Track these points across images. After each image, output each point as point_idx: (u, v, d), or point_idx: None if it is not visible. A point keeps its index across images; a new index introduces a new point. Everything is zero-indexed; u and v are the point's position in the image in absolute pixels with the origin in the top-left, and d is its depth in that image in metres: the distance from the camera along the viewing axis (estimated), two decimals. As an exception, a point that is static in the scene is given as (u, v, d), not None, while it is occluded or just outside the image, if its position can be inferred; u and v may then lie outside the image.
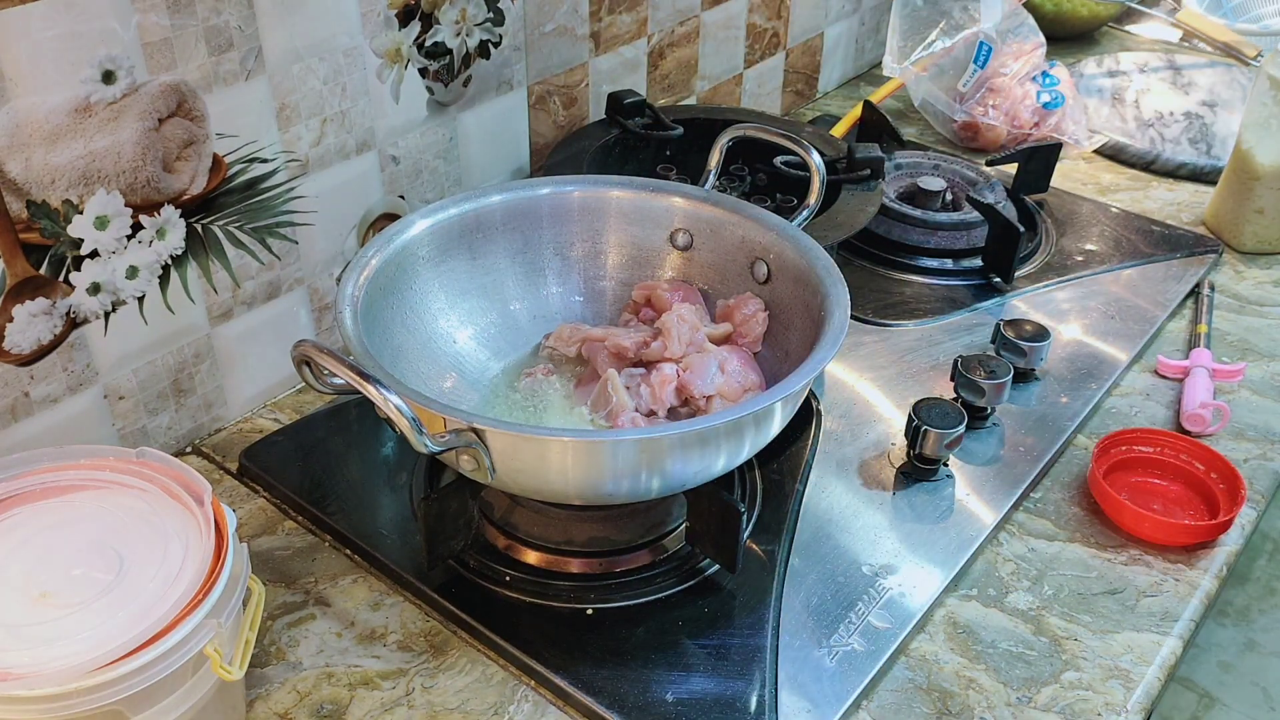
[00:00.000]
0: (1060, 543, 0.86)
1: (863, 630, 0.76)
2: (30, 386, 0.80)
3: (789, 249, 0.86)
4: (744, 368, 0.84)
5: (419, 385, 0.81)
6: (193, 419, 0.93)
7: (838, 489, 0.88)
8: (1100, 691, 0.74)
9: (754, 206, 0.90)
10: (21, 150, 0.73)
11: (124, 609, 0.61)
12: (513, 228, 0.91)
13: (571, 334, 0.90)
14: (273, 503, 0.88)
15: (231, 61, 0.83)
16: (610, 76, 1.21)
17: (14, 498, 0.67)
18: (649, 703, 0.71)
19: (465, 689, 0.73)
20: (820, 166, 0.91)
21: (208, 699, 0.64)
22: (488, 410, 0.86)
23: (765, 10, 1.41)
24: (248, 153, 0.87)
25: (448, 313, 0.88)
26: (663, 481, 0.71)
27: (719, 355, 0.84)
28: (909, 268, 1.16)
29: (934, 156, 1.30)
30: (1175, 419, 0.98)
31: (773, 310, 0.88)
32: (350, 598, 0.80)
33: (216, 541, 0.65)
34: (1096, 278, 1.16)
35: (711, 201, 0.91)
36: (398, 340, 0.82)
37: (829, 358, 0.73)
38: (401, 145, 0.99)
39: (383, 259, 0.81)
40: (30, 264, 0.76)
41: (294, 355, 0.68)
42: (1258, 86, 1.20)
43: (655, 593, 0.79)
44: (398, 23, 0.94)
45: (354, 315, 0.75)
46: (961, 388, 0.93)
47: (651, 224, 0.92)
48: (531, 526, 0.82)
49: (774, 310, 0.88)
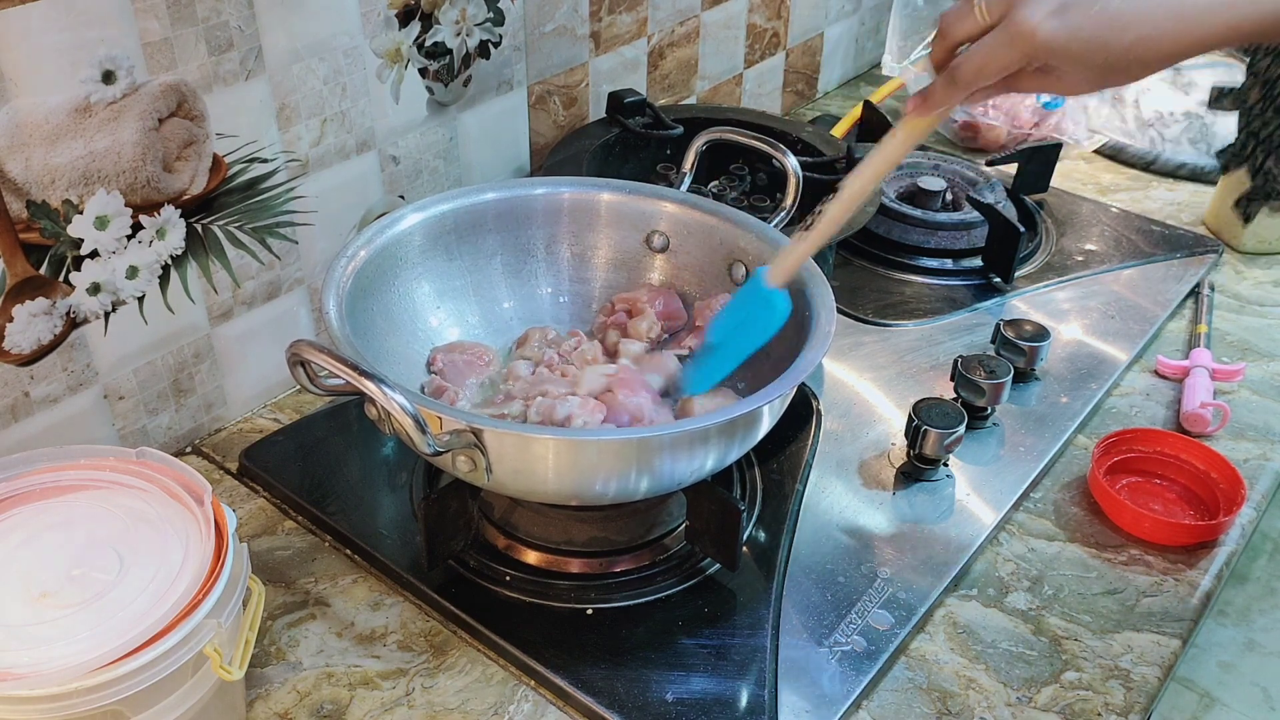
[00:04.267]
0: (1060, 543, 0.86)
1: (863, 630, 0.76)
2: (30, 386, 0.80)
3: (767, 251, 0.86)
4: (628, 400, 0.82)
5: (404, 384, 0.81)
6: (193, 419, 0.93)
7: (838, 489, 0.88)
8: (1100, 691, 0.74)
9: (731, 209, 0.90)
10: (21, 150, 0.73)
11: (124, 609, 0.61)
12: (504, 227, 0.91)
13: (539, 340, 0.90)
14: (273, 503, 0.88)
15: (231, 61, 0.83)
16: (610, 76, 1.21)
17: (14, 498, 0.67)
18: (648, 702, 0.71)
19: (465, 689, 0.73)
20: (796, 169, 0.92)
21: (208, 699, 0.64)
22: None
23: (765, 10, 1.41)
24: (248, 153, 0.87)
25: (435, 310, 0.88)
26: (653, 481, 0.71)
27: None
28: (909, 268, 1.17)
29: (934, 156, 1.30)
30: (1175, 419, 0.98)
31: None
32: (350, 598, 0.80)
33: (216, 542, 0.65)
34: (1096, 278, 1.16)
35: (689, 204, 0.91)
36: (383, 338, 0.82)
37: (818, 358, 0.73)
38: (401, 145, 0.99)
39: (370, 253, 0.81)
40: (30, 264, 0.76)
41: (289, 356, 0.67)
42: (1258, 86, 1.20)
43: (655, 593, 0.79)
44: (398, 23, 0.94)
45: (340, 312, 0.75)
46: (961, 388, 0.93)
47: (630, 226, 0.92)
48: (531, 526, 0.82)
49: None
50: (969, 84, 0.65)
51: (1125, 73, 0.62)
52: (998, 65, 0.63)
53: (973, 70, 0.64)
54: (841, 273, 1.16)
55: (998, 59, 0.63)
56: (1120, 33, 0.60)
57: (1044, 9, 0.60)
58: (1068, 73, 0.63)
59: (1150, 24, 0.60)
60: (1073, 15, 0.60)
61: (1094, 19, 0.60)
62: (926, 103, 0.69)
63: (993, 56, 0.63)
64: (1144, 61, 0.61)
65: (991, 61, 0.63)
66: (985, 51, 0.63)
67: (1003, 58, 0.63)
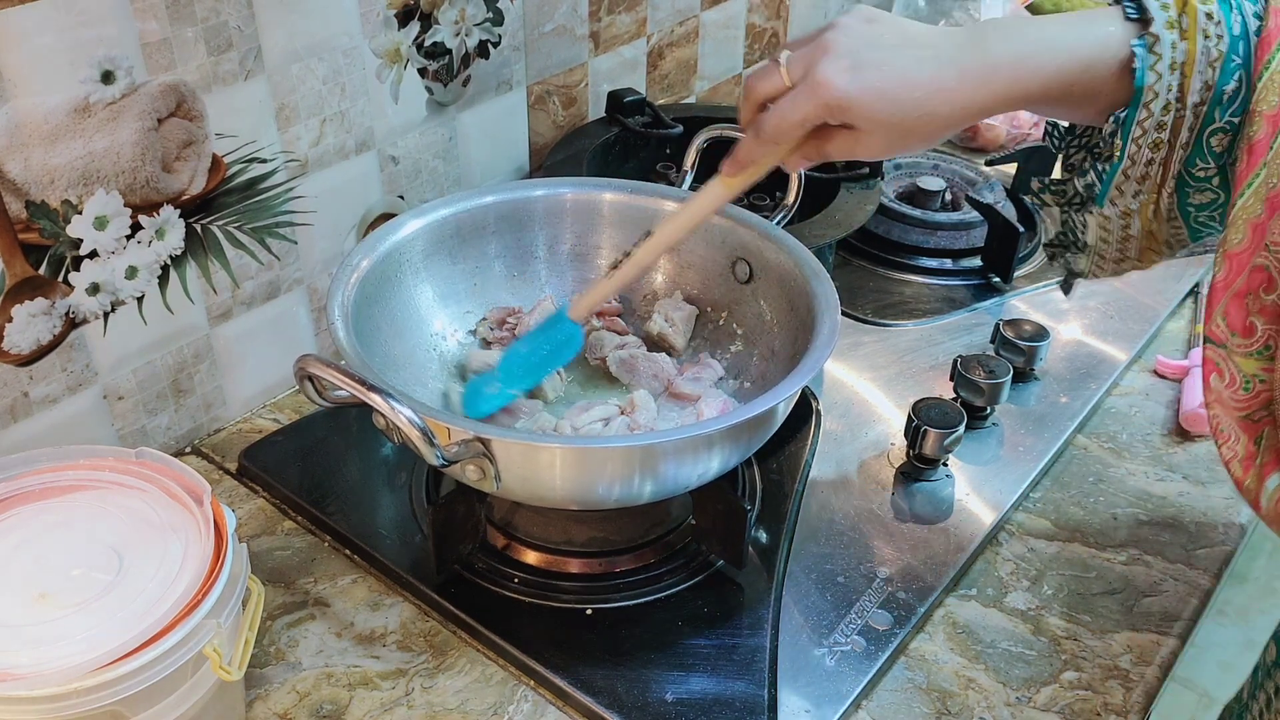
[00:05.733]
0: (1060, 543, 0.86)
1: (862, 630, 0.76)
2: (29, 387, 0.80)
3: (770, 248, 0.86)
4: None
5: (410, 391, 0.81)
6: (192, 419, 0.93)
7: (837, 489, 0.88)
8: (1100, 691, 0.74)
9: (733, 207, 0.89)
10: (21, 150, 0.73)
11: (124, 609, 0.61)
12: (505, 229, 0.91)
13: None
14: (272, 503, 0.88)
15: (231, 62, 0.83)
16: (610, 76, 1.21)
17: (13, 498, 0.67)
18: (648, 703, 0.71)
19: (465, 689, 0.73)
20: None
21: (207, 699, 0.64)
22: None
23: (765, 10, 1.41)
24: (247, 153, 0.87)
25: (439, 314, 0.88)
26: (659, 485, 0.71)
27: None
28: (908, 267, 1.17)
29: (933, 156, 1.30)
30: (1175, 419, 0.98)
31: (756, 310, 0.88)
32: (350, 598, 0.80)
33: (216, 542, 0.65)
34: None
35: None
36: (388, 345, 0.82)
37: (824, 358, 0.73)
38: (401, 145, 0.99)
39: (373, 262, 0.81)
40: (29, 264, 0.76)
41: (296, 370, 0.68)
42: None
43: (655, 593, 0.79)
44: (397, 23, 0.94)
45: (345, 322, 0.75)
46: (961, 387, 0.93)
47: (633, 226, 0.92)
48: (531, 527, 0.82)
49: (757, 310, 0.88)
50: (773, 137, 0.68)
51: (919, 133, 0.65)
52: (798, 117, 0.66)
53: (774, 123, 0.67)
54: (841, 272, 1.16)
55: (798, 110, 0.65)
56: (909, 89, 0.63)
57: (841, 65, 0.63)
58: (866, 132, 0.65)
59: (936, 82, 0.63)
60: (866, 71, 0.63)
61: (885, 75, 0.63)
62: (736, 161, 0.71)
63: (793, 109, 0.66)
64: (934, 118, 0.64)
65: (792, 113, 0.66)
66: (786, 105, 0.66)
67: (802, 109, 0.65)
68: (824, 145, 0.68)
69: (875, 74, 0.63)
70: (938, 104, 0.64)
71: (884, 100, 0.64)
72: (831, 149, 0.68)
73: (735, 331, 0.90)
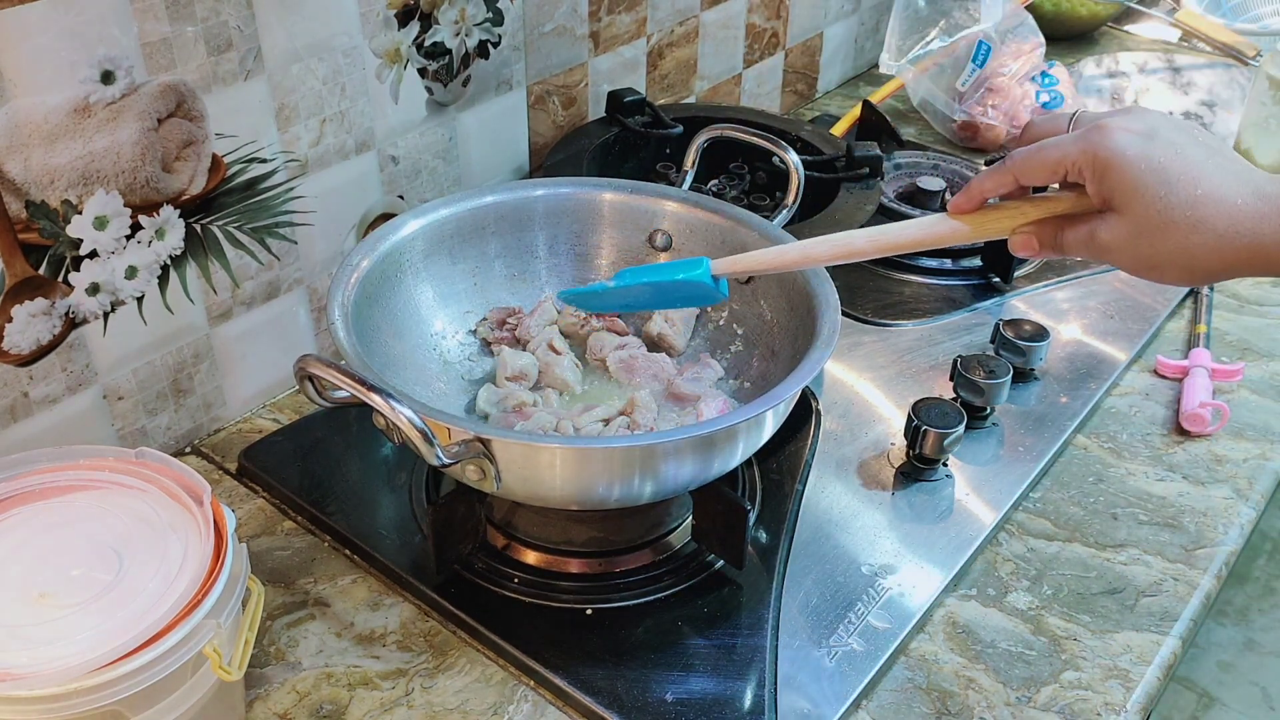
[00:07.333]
0: (1060, 542, 0.86)
1: (862, 630, 0.76)
2: (29, 387, 0.80)
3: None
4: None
5: (410, 391, 0.81)
6: (192, 419, 0.93)
7: (837, 489, 0.88)
8: (1100, 691, 0.74)
9: (734, 207, 0.90)
10: (21, 150, 0.73)
11: (123, 609, 0.61)
12: (505, 229, 0.91)
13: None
14: (272, 503, 0.88)
15: (230, 62, 0.83)
16: (609, 76, 1.21)
17: (13, 498, 0.67)
18: (648, 703, 0.71)
19: (465, 689, 0.73)
20: (798, 165, 0.92)
21: (207, 699, 0.64)
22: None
23: (764, 10, 1.41)
24: (247, 153, 0.87)
25: (439, 314, 0.88)
26: (659, 485, 0.71)
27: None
28: (908, 267, 1.16)
29: (933, 156, 1.30)
30: (1175, 419, 0.98)
31: (756, 310, 0.88)
32: (350, 598, 0.80)
33: (216, 542, 0.65)
34: (1095, 277, 1.16)
35: (691, 203, 0.91)
36: (388, 345, 0.82)
37: (824, 358, 0.73)
38: (401, 145, 0.99)
39: (373, 262, 0.82)
40: (29, 264, 0.76)
41: (296, 371, 0.68)
42: (1256, 86, 1.20)
43: (654, 593, 0.79)
44: (397, 23, 0.94)
45: (345, 322, 0.75)
46: (961, 387, 0.93)
47: (633, 226, 0.92)
48: (531, 527, 0.82)
49: (757, 310, 0.88)
50: (1019, 168, 0.62)
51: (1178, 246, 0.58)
52: (1056, 154, 0.61)
53: (1028, 154, 0.62)
54: (840, 272, 1.14)
55: (1059, 148, 0.60)
56: (1190, 182, 0.57)
57: (1134, 126, 0.58)
58: (1117, 215, 0.59)
59: (1224, 190, 0.57)
60: (1156, 143, 0.58)
61: (1172, 156, 0.58)
62: (968, 191, 0.66)
63: (1056, 146, 0.61)
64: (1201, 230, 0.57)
65: (1052, 150, 0.61)
66: (1051, 142, 0.61)
67: (1064, 148, 0.60)
68: (1065, 231, 0.62)
69: (1163, 150, 0.57)
70: (1215, 215, 0.56)
71: (1155, 175, 0.57)
72: (1070, 237, 0.62)
73: (735, 331, 0.90)
